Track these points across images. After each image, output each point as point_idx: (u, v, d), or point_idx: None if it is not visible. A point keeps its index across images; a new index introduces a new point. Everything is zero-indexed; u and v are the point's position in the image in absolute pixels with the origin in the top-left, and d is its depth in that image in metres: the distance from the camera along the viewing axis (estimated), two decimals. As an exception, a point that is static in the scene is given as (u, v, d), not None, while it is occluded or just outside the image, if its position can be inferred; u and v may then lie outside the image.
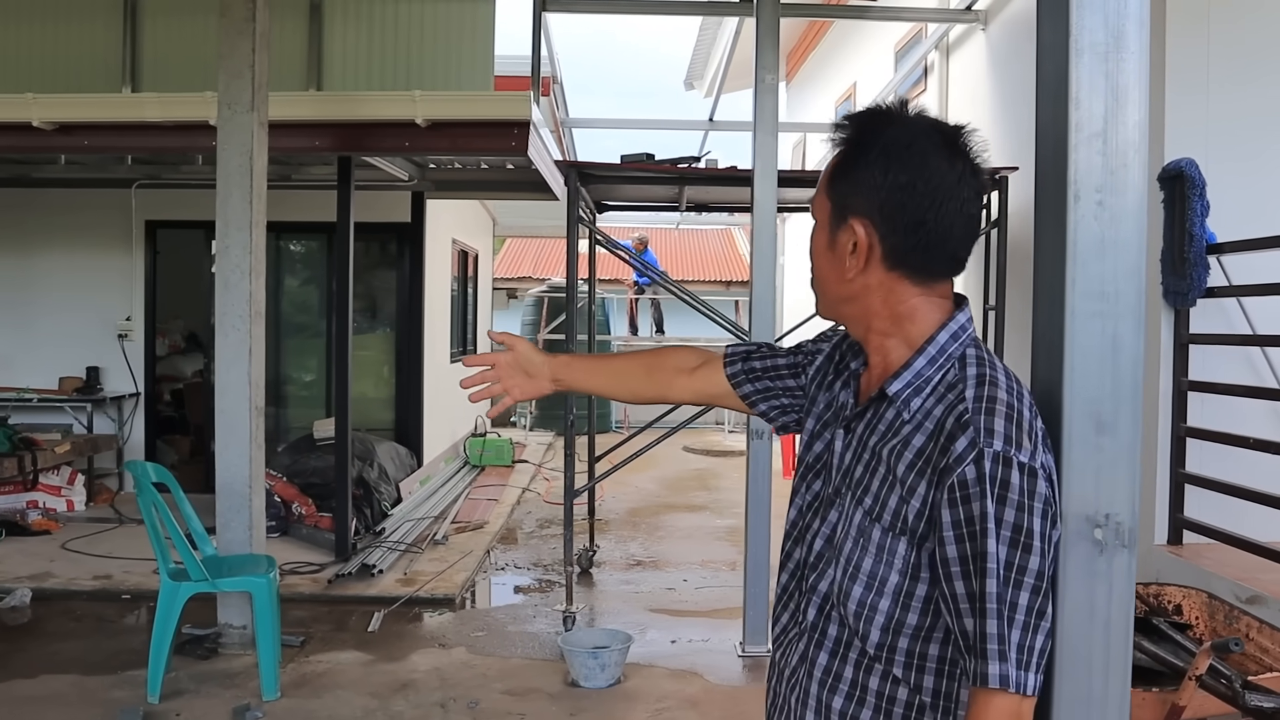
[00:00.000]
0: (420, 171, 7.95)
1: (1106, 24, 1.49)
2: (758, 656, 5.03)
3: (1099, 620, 1.53)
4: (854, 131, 1.47)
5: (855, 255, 1.44)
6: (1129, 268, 1.51)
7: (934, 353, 1.43)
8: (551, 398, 9.90)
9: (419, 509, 7.82)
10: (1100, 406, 1.51)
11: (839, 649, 1.46)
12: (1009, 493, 1.28)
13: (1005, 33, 5.97)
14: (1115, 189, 1.50)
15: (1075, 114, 1.49)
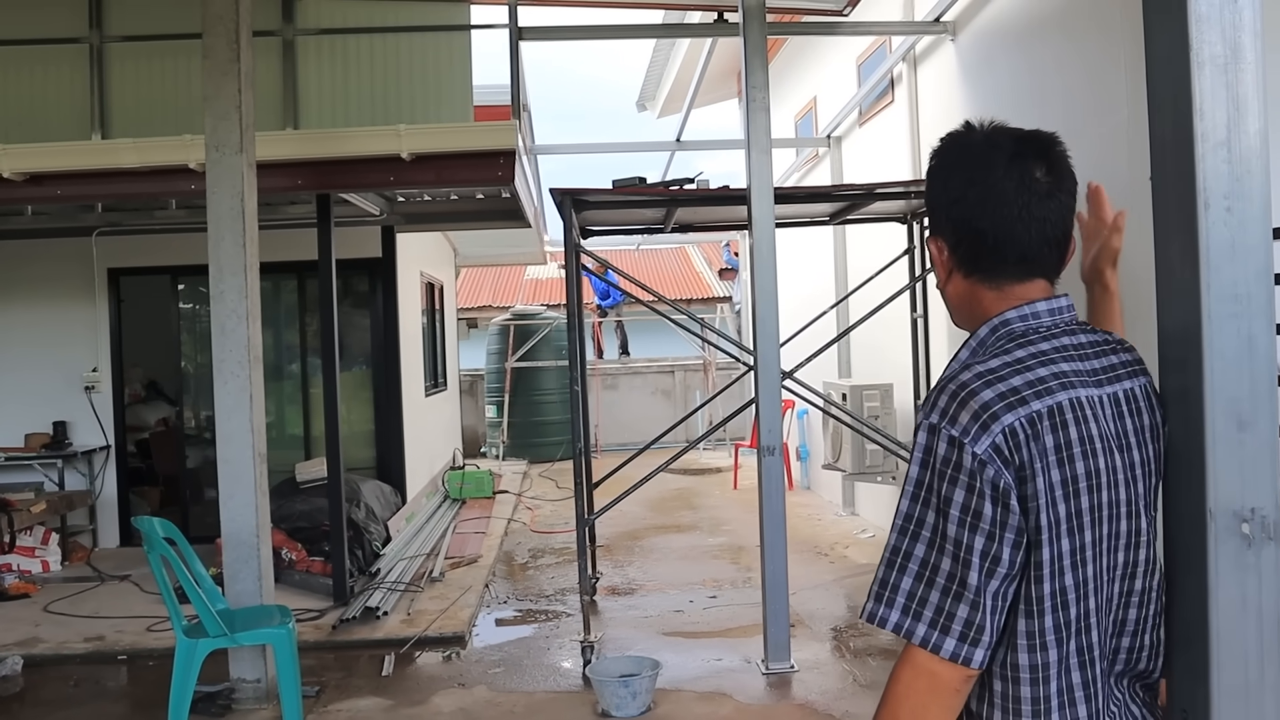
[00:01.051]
0: (390, 205, 7.88)
1: (1224, 37, 1.53)
2: (782, 673, 5.03)
3: (1251, 611, 1.56)
4: (933, 154, 1.61)
5: (939, 269, 1.58)
6: (1258, 270, 1.55)
7: (974, 344, 1.53)
8: (521, 425, 9.94)
9: (409, 547, 7.72)
10: (1240, 405, 1.55)
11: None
12: (932, 459, 1.37)
13: (975, 43, 6.10)
14: (1242, 195, 1.54)
15: (1200, 124, 1.53)
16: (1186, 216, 1.56)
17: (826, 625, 5.89)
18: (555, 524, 9.33)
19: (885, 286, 6.88)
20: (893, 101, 7.57)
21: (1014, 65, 5.62)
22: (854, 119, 8.55)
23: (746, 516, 9.51)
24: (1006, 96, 5.70)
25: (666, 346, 15.91)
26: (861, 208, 6.24)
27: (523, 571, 7.57)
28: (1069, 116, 5.00)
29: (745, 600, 6.51)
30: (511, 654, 5.59)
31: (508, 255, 13.04)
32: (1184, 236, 1.57)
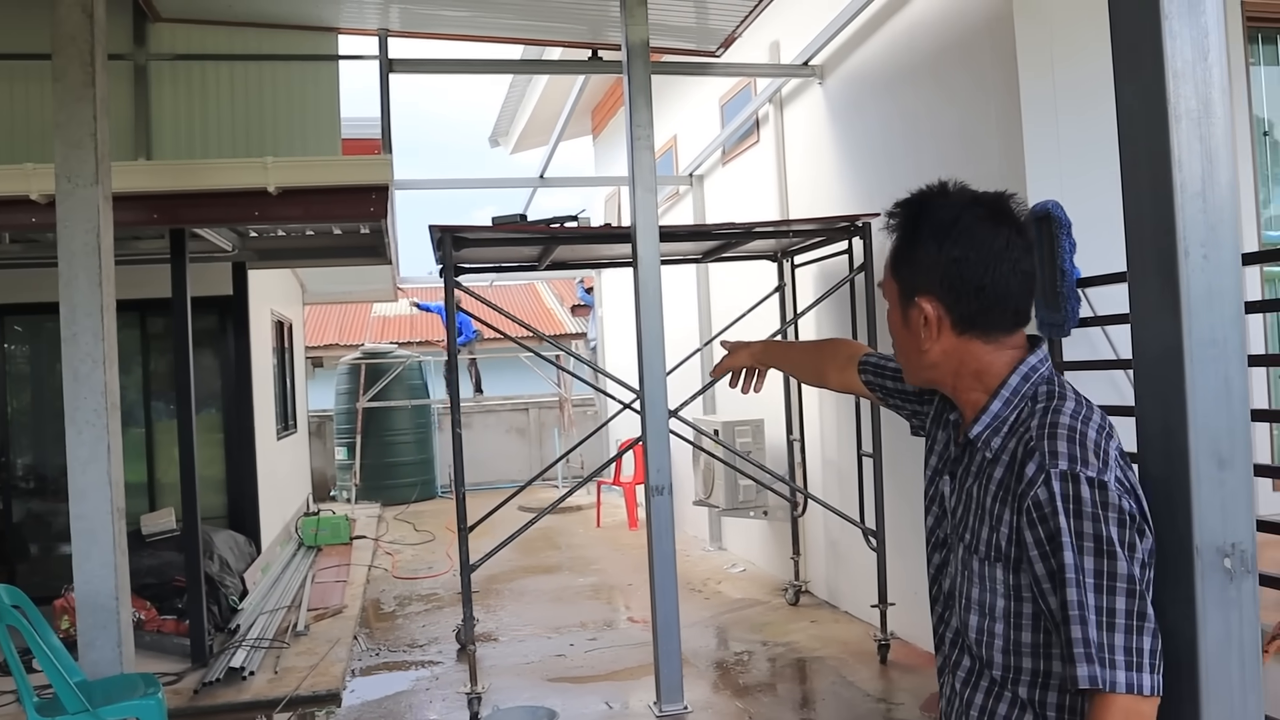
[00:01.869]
0: (242, 241, 7.49)
1: (1197, 92, 1.61)
2: (676, 714, 4.97)
3: (1234, 643, 1.62)
4: (904, 216, 1.63)
5: (928, 328, 1.58)
6: (1232, 315, 1.63)
7: (1007, 395, 1.56)
8: (373, 467, 9.67)
9: (268, 600, 7.29)
10: (1220, 444, 1.62)
11: (970, 678, 1.60)
12: (1081, 506, 1.40)
13: (844, 87, 6.32)
14: (1216, 243, 1.62)
15: (1179, 175, 1.60)
16: (1166, 264, 1.63)
17: (709, 662, 5.88)
18: (418, 569, 9.02)
19: (753, 322, 7.01)
20: (758, 141, 7.75)
21: (884, 110, 5.84)
22: (717, 158, 8.71)
23: (614, 555, 9.46)
24: (877, 140, 5.92)
25: (520, 384, 15.75)
26: (737, 246, 6.34)
27: (391, 620, 7.26)
28: (942, 161, 5.23)
29: (626, 641, 6.45)
30: (392, 710, 5.33)
31: (358, 292, 12.62)
32: (1164, 283, 1.64)
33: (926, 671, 5.34)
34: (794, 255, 6.86)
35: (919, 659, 5.55)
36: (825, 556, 6.97)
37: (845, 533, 6.49)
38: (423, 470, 13.65)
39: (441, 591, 8.14)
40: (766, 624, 6.60)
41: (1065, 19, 4.58)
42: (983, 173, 4.85)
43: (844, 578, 6.71)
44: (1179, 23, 1.60)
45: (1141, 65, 1.64)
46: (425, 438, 13.81)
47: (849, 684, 5.32)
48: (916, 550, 5.66)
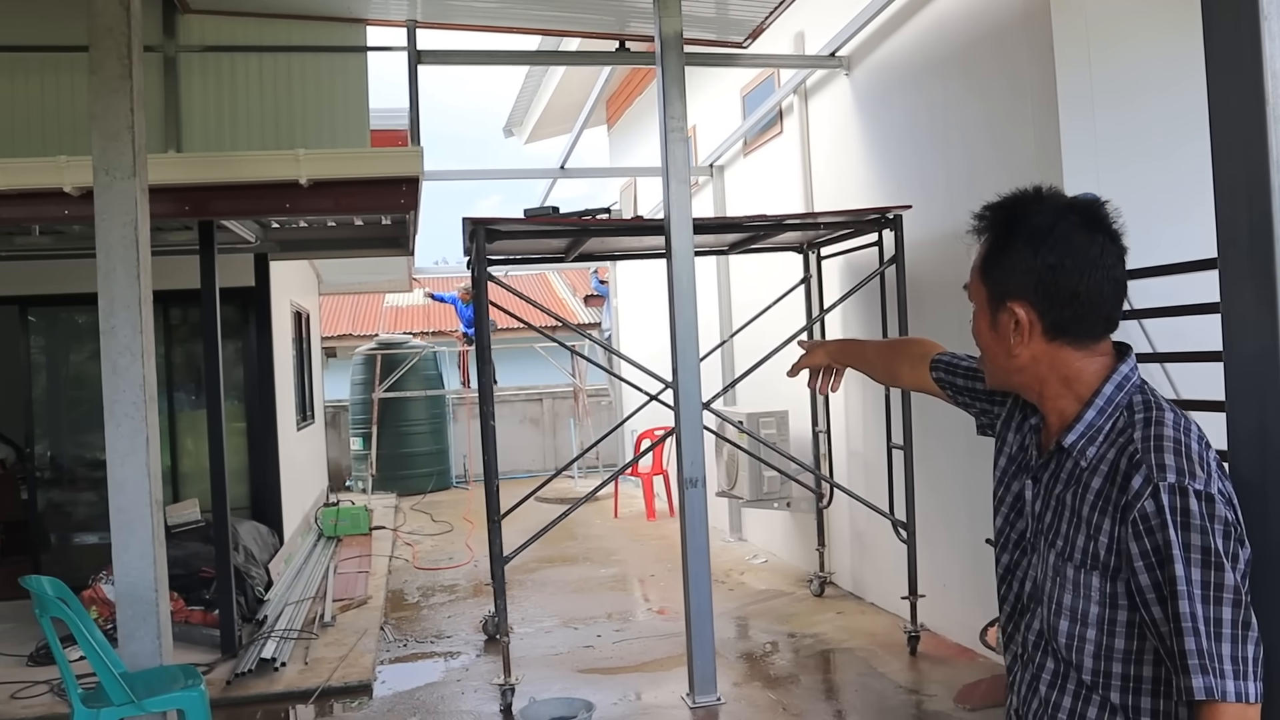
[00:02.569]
0: (264, 232, 7.50)
1: (1295, 93, 1.60)
2: (709, 706, 5.00)
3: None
4: (996, 221, 1.63)
5: (1018, 333, 1.59)
6: (1328, 312, 1.63)
7: (1101, 404, 1.56)
8: (389, 457, 9.72)
9: (293, 590, 7.32)
10: (1316, 442, 1.62)
11: (1056, 680, 1.59)
12: (1190, 519, 1.41)
13: (871, 78, 6.31)
14: (1313, 241, 1.61)
15: (1276, 177, 1.60)
16: (1264, 263, 1.62)
17: (737, 653, 5.90)
18: (439, 560, 9.05)
19: (777, 315, 7.00)
20: (781, 132, 7.74)
21: (911, 102, 5.83)
22: (738, 149, 8.70)
23: (633, 546, 9.49)
24: (905, 133, 5.91)
25: (534, 374, 15.77)
26: (767, 238, 6.34)
27: (417, 611, 7.29)
28: (973, 153, 5.22)
29: (653, 632, 6.47)
30: (425, 701, 5.35)
31: (372, 283, 12.64)
32: (1261, 283, 1.64)
33: (957, 663, 5.36)
34: (820, 247, 6.85)
35: (949, 651, 5.57)
36: (850, 548, 6.98)
37: (871, 524, 6.50)
38: (438, 461, 13.69)
39: (464, 582, 8.17)
40: (792, 615, 6.62)
41: (1101, 12, 4.57)
42: (1015, 166, 4.85)
43: (870, 569, 6.73)
44: (1278, 23, 1.60)
45: (1240, 65, 1.63)
46: (440, 428, 13.85)
47: (879, 675, 5.34)
48: (946, 542, 5.69)
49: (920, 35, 5.70)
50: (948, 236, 5.52)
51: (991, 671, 5.08)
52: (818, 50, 6.70)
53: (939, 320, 5.66)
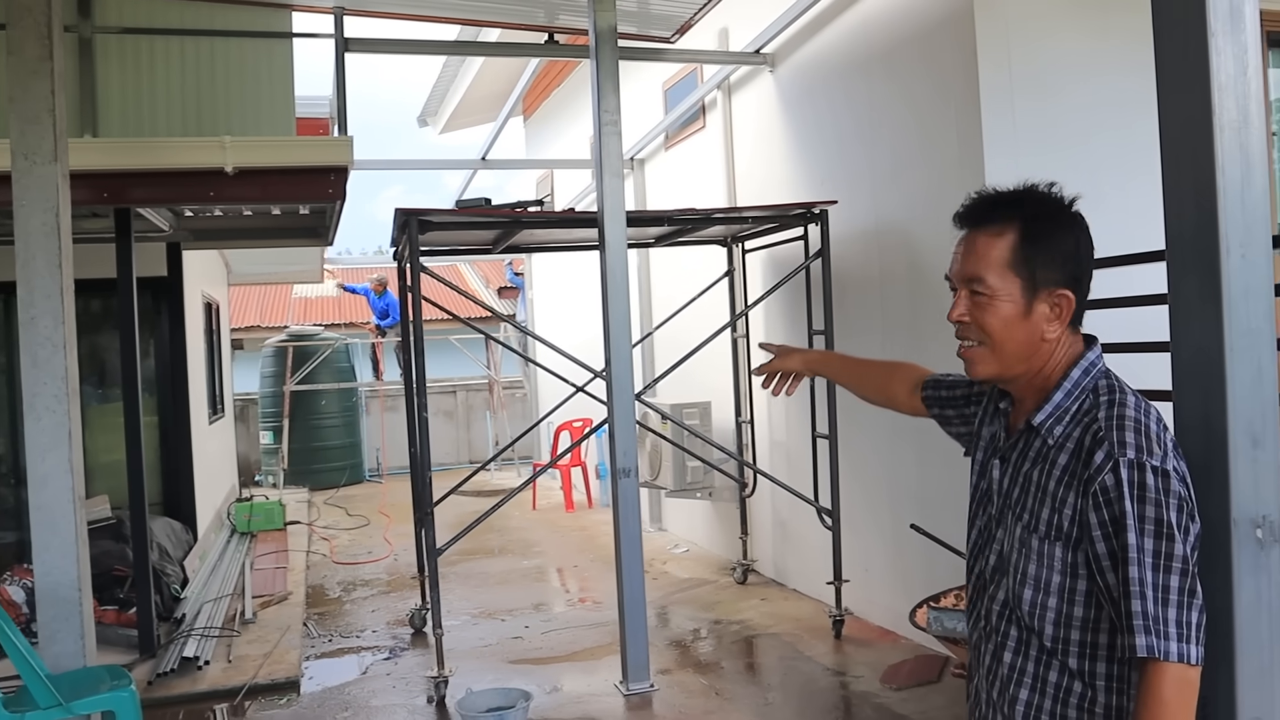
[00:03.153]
0: (178, 221, 7.31)
1: (1238, 105, 1.75)
2: (644, 693, 5.07)
3: (1264, 606, 1.78)
4: (1029, 212, 1.69)
5: (1059, 320, 1.68)
6: (1266, 308, 1.78)
7: (1069, 387, 1.69)
8: (300, 451, 9.60)
9: (209, 588, 7.15)
10: (1254, 425, 1.77)
11: (1020, 647, 1.71)
12: (1146, 493, 1.54)
13: (795, 75, 6.45)
14: (1253, 243, 1.77)
15: (1222, 181, 1.74)
16: (1209, 262, 1.77)
17: (666, 641, 5.99)
18: (358, 554, 8.94)
19: (701, 308, 7.12)
20: (704, 127, 7.85)
21: (835, 99, 5.99)
22: (660, 143, 8.79)
23: (554, 537, 9.52)
24: (829, 129, 6.06)
25: (447, 366, 15.61)
26: (694, 231, 6.43)
27: (339, 606, 7.19)
28: (896, 150, 5.40)
29: (581, 622, 6.52)
30: (356, 696, 5.31)
31: (283, 273, 12.38)
32: (1205, 279, 1.78)
33: (881, 646, 5.55)
34: (744, 241, 6.98)
35: (873, 634, 5.75)
36: (772, 536, 7.15)
37: (794, 512, 6.67)
38: (351, 454, 13.48)
39: (385, 576, 8.09)
40: (718, 602, 6.74)
41: (1020, 13, 4.78)
42: (939, 160, 5.04)
43: (792, 556, 6.90)
44: (1223, 39, 1.74)
45: (1189, 79, 1.77)
46: (353, 421, 13.63)
47: (806, 658, 5.49)
48: (869, 528, 5.87)
49: (845, 35, 5.86)
50: (871, 231, 5.70)
51: (916, 652, 5.28)
52: (742, 47, 6.82)
53: (861, 313, 5.85)
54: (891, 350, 5.58)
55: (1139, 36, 4.95)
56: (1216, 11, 1.73)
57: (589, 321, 9.84)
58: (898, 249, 5.48)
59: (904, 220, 5.41)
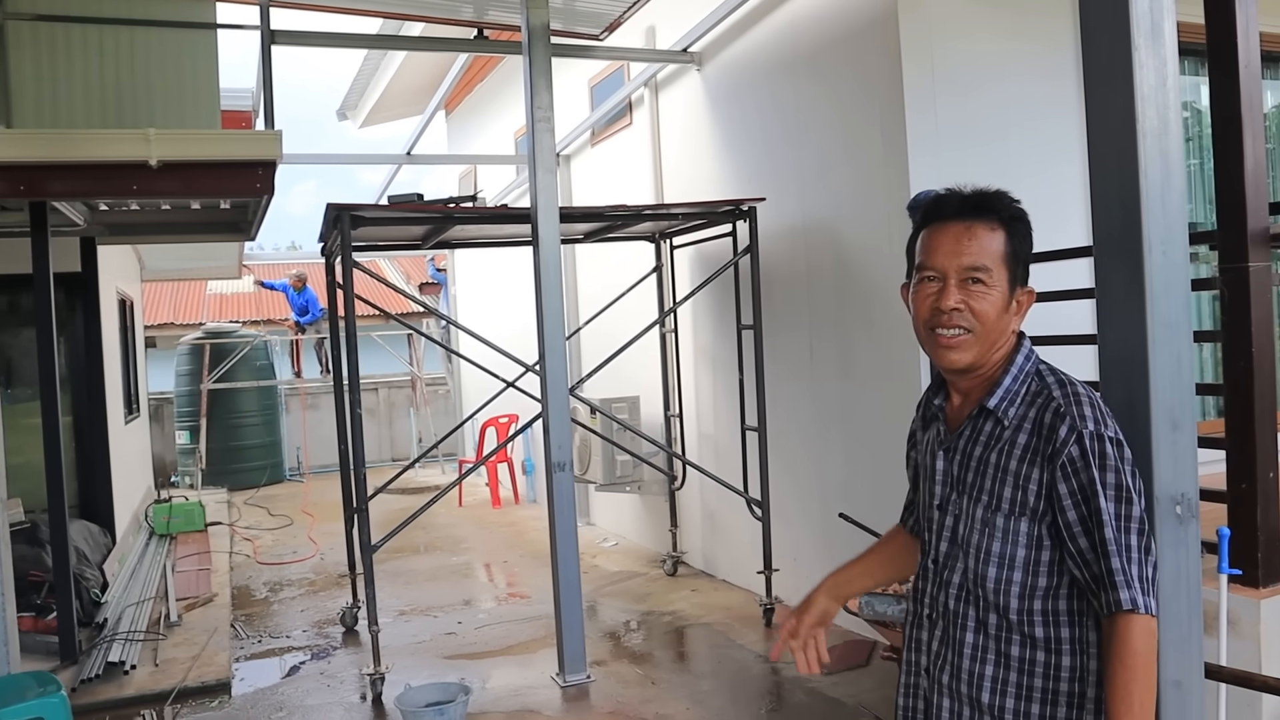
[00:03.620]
0: (92, 215, 7.11)
1: (1158, 113, 1.89)
2: (580, 684, 5.14)
3: (1183, 578, 1.93)
4: (1014, 215, 1.81)
5: (1021, 314, 1.82)
6: (1183, 301, 1.93)
7: (1015, 372, 1.81)
8: (218, 450, 9.46)
9: (130, 592, 6.98)
10: (1173, 410, 1.92)
11: (979, 626, 1.80)
12: (1107, 461, 1.68)
13: (722, 74, 6.56)
14: (1172, 241, 1.91)
15: (1144, 183, 1.88)
16: (1134, 259, 1.90)
17: (601, 632, 6.06)
18: (283, 554, 8.81)
19: (629, 304, 7.20)
20: (631, 124, 7.92)
21: (762, 98, 6.12)
22: (585, 139, 8.83)
23: (482, 533, 9.52)
24: (756, 127, 6.19)
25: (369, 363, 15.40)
26: (624, 228, 6.50)
27: (267, 607, 7.10)
28: (825, 148, 5.55)
29: (514, 616, 6.55)
30: (290, 696, 5.26)
31: (200, 269, 12.08)
32: (1130, 276, 1.91)
33: (810, 630, 5.69)
34: (672, 237, 7.08)
35: (802, 619, 5.89)
36: (702, 528, 7.26)
37: (723, 504, 6.79)
38: (271, 453, 13.23)
39: (312, 575, 8.00)
40: (649, 594, 6.83)
41: (942, 14, 4.95)
42: (865, 160, 5.20)
43: (722, 548, 7.02)
44: (1146, 53, 1.87)
45: (1114, 89, 1.90)
46: (273, 419, 13.38)
47: (738, 646, 5.61)
48: (798, 518, 6.02)
49: (772, 35, 5.99)
50: (799, 228, 5.84)
51: (845, 638, 5.44)
52: (669, 45, 6.91)
53: (789, 308, 5.99)
54: (817, 342, 5.73)
55: (1051, 37, 5.21)
56: (1139, 27, 1.86)
57: (513, 318, 9.87)
58: (824, 245, 5.62)
59: (831, 218, 5.56)
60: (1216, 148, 3.26)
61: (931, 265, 1.79)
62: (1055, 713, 1.72)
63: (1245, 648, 3.12)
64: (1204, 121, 5.56)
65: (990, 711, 1.76)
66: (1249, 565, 3.13)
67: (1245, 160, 3.15)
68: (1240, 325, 3.15)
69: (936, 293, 1.77)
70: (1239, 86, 3.14)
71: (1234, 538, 3.11)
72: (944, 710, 1.83)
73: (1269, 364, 3.22)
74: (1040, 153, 5.03)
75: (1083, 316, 4.75)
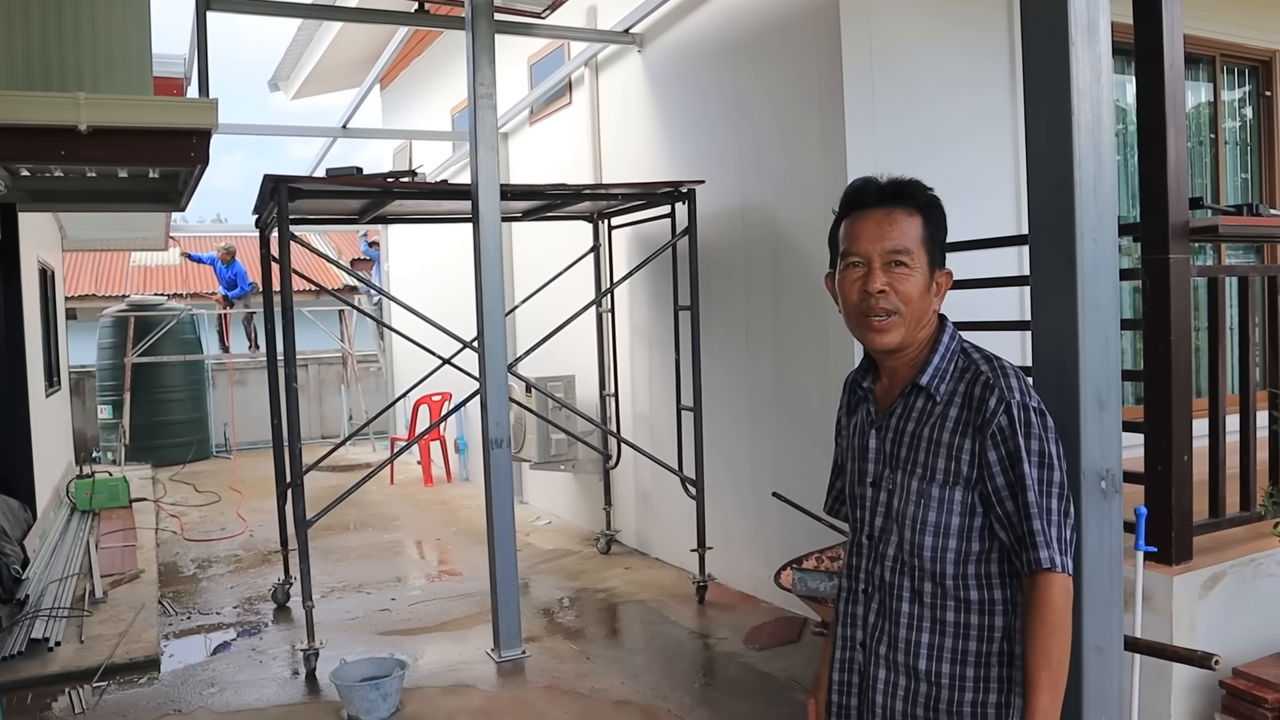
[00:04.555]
0: (13, 180, 6.89)
1: (1093, 108, 1.98)
2: (516, 659, 5.17)
3: (1106, 549, 2.04)
4: (930, 203, 1.90)
5: (940, 295, 1.91)
6: (1112, 287, 2.03)
7: (943, 350, 1.91)
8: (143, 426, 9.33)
9: (52, 568, 6.82)
10: (1101, 390, 2.02)
11: (914, 596, 1.89)
12: (1031, 429, 1.79)
13: (663, 57, 6.59)
14: (1103, 229, 2.00)
15: (1078, 174, 1.97)
16: (1066, 246, 1.99)
17: (535, 609, 6.10)
18: (211, 530, 8.68)
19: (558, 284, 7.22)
20: (570, 103, 7.91)
21: (703, 82, 6.16)
22: (524, 117, 8.80)
23: (414, 511, 9.48)
24: (696, 110, 6.24)
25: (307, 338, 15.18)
26: (563, 207, 6.51)
27: (195, 584, 6.99)
28: (764, 133, 5.62)
29: (447, 593, 6.56)
30: (221, 672, 5.21)
31: (124, 239, 11.76)
32: (1063, 262, 2.01)
33: (743, 609, 5.81)
34: (611, 217, 7.11)
35: (735, 598, 6.01)
36: (635, 507, 7.34)
37: (657, 483, 6.87)
38: (197, 429, 12.98)
39: (241, 552, 7.89)
40: (582, 572, 6.89)
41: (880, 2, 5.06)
42: (803, 147, 5.29)
43: (655, 526, 7.10)
44: (1082, 49, 1.96)
45: (1051, 83, 1.98)
46: (199, 395, 13.11)
47: (672, 622, 5.70)
48: (730, 497, 6.12)
49: (715, 19, 6.03)
50: (736, 211, 5.91)
51: (776, 615, 5.56)
52: (611, 26, 6.91)
53: (726, 289, 6.07)
54: (753, 324, 5.82)
55: (983, 21, 5.36)
56: (1077, 24, 1.94)
57: (447, 295, 9.81)
58: (762, 228, 5.71)
59: (769, 201, 5.64)
60: (1141, 143, 3.39)
61: (856, 251, 1.87)
62: (988, 673, 1.82)
63: (1158, 622, 3.28)
64: (1129, 119, 5.76)
65: (927, 678, 1.84)
66: (1163, 544, 3.29)
67: (1168, 156, 3.29)
68: (1160, 314, 3.30)
69: (862, 276, 1.86)
70: (1164, 85, 3.27)
71: (1150, 517, 3.26)
72: (879, 680, 1.91)
73: (1185, 352, 3.37)
74: (972, 130, 5.21)
75: (1008, 303, 4.92)
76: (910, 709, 1.86)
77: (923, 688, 1.85)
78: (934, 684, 1.83)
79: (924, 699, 1.85)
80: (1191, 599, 3.28)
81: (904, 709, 1.87)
